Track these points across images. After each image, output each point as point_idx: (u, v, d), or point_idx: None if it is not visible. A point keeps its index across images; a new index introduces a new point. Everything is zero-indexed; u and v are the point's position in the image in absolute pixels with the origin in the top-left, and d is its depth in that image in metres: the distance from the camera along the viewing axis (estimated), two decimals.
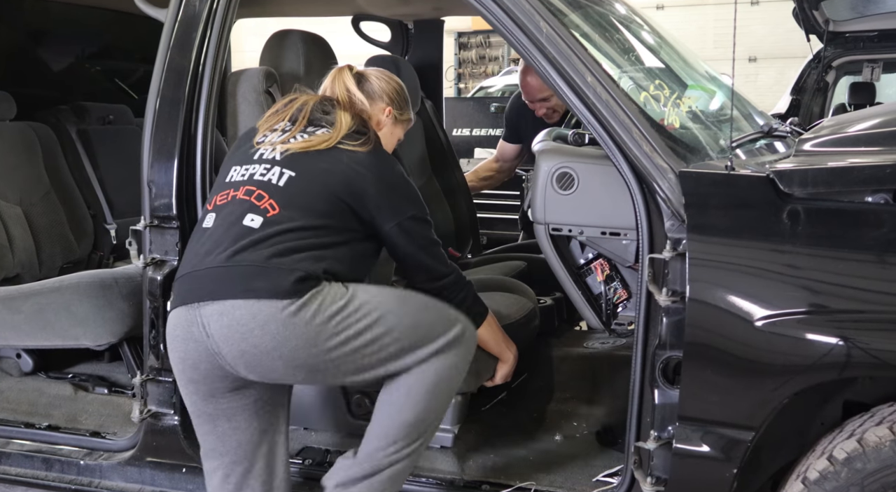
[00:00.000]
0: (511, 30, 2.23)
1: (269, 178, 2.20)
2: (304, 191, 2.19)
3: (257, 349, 2.07)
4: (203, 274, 2.14)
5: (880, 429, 1.88)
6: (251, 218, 2.15)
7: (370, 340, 2.13)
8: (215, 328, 2.08)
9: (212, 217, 2.23)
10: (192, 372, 2.17)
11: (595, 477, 2.49)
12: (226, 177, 2.29)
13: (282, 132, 2.29)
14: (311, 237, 2.15)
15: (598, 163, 2.37)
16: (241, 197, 2.19)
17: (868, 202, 1.95)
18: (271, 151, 2.25)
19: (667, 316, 2.06)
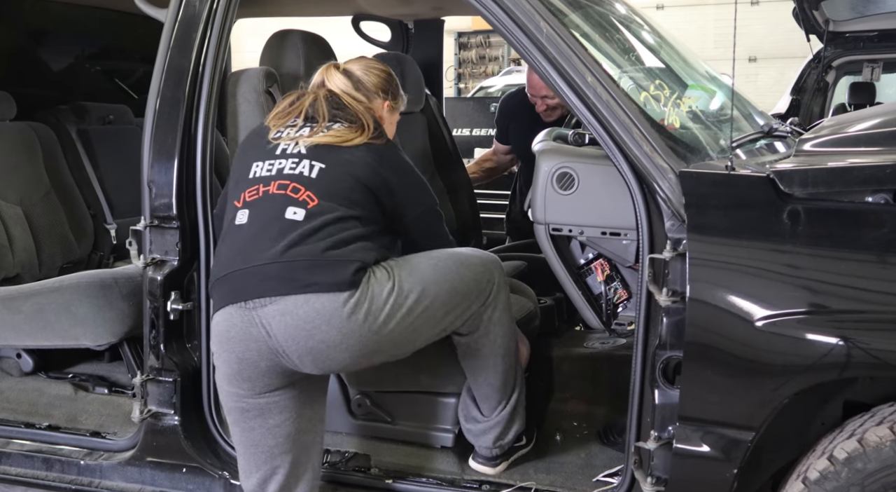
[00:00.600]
0: (511, 30, 2.23)
1: (300, 171, 2.21)
2: (337, 181, 2.22)
3: (325, 344, 2.11)
4: (254, 271, 2.14)
5: (881, 429, 1.88)
6: (293, 211, 2.16)
7: (420, 313, 2.20)
8: (278, 328, 2.10)
9: (244, 213, 2.22)
10: (250, 370, 2.17)
11: (595, 477, 2.48)
12: (247, 173, 2.28)
13: (299, 128, 2.30)
14: (354, 227, 2.19)
15: (599, 163, 2.37)
16: (275, 191, 2.20)
17: (868, 202, 1.95)
18: (294, 146, 2.27)
19: (667, 316, 2.06)
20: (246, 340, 2.13)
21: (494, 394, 2.48)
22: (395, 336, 2.18)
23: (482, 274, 2.35)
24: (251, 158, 2.32)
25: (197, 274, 2.58)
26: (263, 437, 2.24)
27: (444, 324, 2.30)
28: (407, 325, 2.19)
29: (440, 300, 2.24)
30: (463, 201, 3.88)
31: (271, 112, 2.42)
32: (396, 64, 3.53)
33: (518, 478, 2.52)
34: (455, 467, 2.57)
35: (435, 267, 2.28)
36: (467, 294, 2.31)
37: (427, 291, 2.22)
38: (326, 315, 2.09)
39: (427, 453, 2.64)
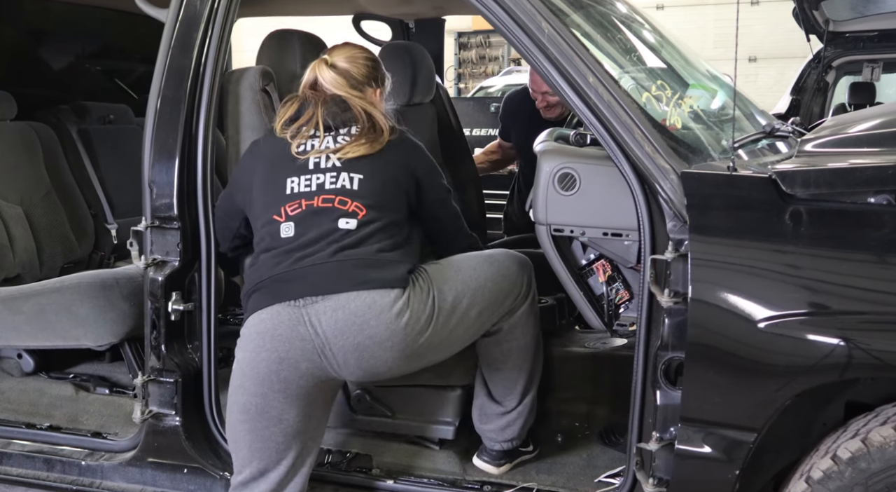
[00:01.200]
0: (512, 30, 2.23)
1: (342, 184, 2.28)
2: (376, 190, 2.30)
3: (372, 341, 2.16)
4: (306, 272, 2.21)
5: (885, 429, 1.88)
6: (345, 221, 2.25)
7: (457, 320, 2.27)
8: (328, 324, 2.15)
9: (290, 226, 2.28)
10: (288, 371, 2.19)
11: (597, 478, 2.48)
12: (282, 189, 2.32)
13: (323, 140, 2.35)
14: (398, 233, 2.31)
15: (600, 163, 2.37)
16: (322, 205, 2.27)
17: (870, 203, 1.94)
18: (327, 160, 2.32)
19: (669, 317, 2.05)
20: (291, 338, 2.17)
21: (517, 386, 2.52)
22: (434, 341, 2.24)
23: (516, 276, 2.42)
24: (282, 174, 2.34)
25: (198, 275, 2.58)
26: (273, 435, 2.26)
27: (477, 327, 2.36)
28: (445, 331, 2.25)
29: (476, 306, 2.31)
30: (470, 195, 3.84)
31: (278, 118, 2.44)
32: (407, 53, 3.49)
33: (520, 478, 2.51)
34: (456, 467, 2.57)
35: (470, 272, 2.34)
36: (500, 298, 2.38)
37: (462, 298, 2.29)
38: (377, 310, 2.15)
39: (428, 453, 2.63)
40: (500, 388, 2.53)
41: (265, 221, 2.34)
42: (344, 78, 2.42)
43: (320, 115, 2.36)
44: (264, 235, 2.35)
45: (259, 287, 2.27)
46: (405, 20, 4.05)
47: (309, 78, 2.44)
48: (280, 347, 2.18)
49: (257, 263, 2.34)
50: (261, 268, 2.30)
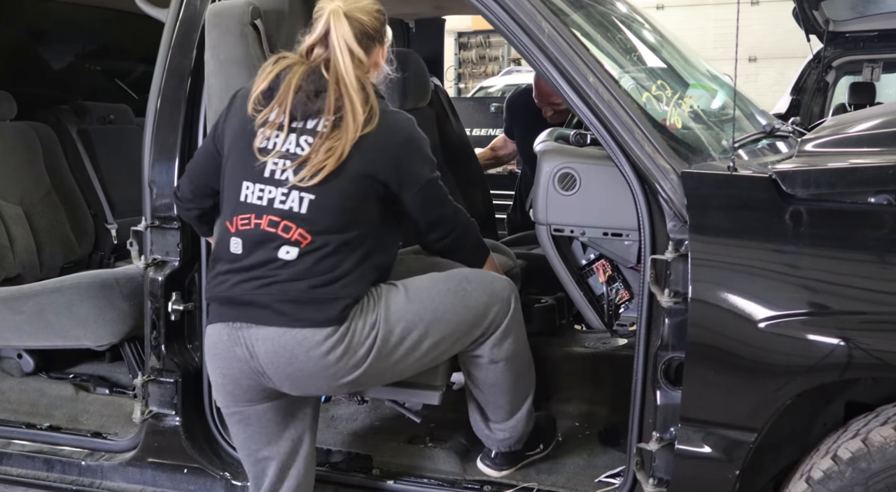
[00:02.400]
0: (512, 30, 2.23)
1: (290, 206, 2.12)
2: (327, 212, 2.13)
3: (303, 373, 2.13)
4: (245, 298, 2.14)
5: (885, 429, 1.88)
6: (286, 250, 2.12)
7: (404, 350, 2.19)
8: (261, 352, 2.12)
9: (238, 243, 2.17)
10: (232, 386, 2.20)
11: (597, 478, 2.48)
12: (238, 193, 2.18)
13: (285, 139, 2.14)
14: (350, 254, 2.14)
15: (600, 163, 2.37)
16: (267, 228, 2.13)
17: (870, 203, 1.94)
18: (282, 172, 2.13)
19: (669, 317, 2.05)
20: (230, 358, 2.16)
21: (506, 405, 2.43)
22: (375, 371, 2.18)
23: (484, 307, 2.28)
24: (240, 172, 2.19)
25: (198, 275, 2.58)
26: (252, 436, 2.28)
27: (432, 356, 2.26)
28: (387, 362, 2.18)
29: (428, 338, 2.21)
30: (476, 196, 3.83)
31: (253, 88, 2.19)
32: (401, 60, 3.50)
33: (520, 478, 2.51)
34: (457, 467, 2.57)
35: (426, 303, 2.22)
36: (462, 329, 2.26)
37: (412, 330, 2.18)
38: (306, 347, 2.10)
39: (429, 453, 2.63)
40: (490, 406, 2.45)
41: (222, 220, 2.25)
42: (358, 32, 2.18)
43: (290, 102, 2.14)
44: (219, 238, 2.27)
45: (211, 300, 2.26)
46: (405, 20, 4.05)
47: (320, 29, 2.17)
48: (221, 364, 2.18)
49: (212, 272, 2.26)
50: (212, 281, 2.24)
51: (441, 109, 3.80)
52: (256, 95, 2.18)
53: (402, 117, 2.25)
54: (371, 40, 2.22)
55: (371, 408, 2.88)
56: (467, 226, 2.39)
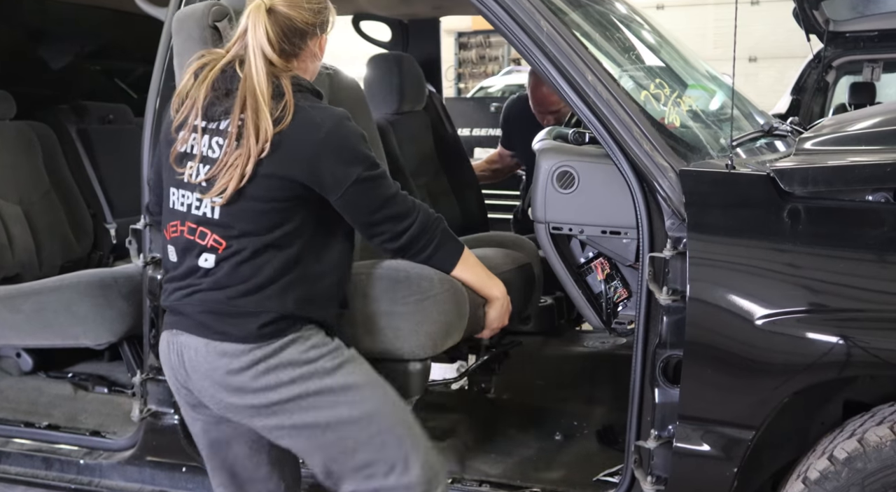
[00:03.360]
0: (512, 29, 2.23)
1: (203, 211, 2.01)
2: (239, 215, 1.98)
3: (219, 390, 2.01)
4: (178, 307, 2.08)
5: (881, 429, 1.88)
6: (205, 258, 2.02)
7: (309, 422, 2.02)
8: (186, 359, 2.05)
9: (172, 250, 2.11)
10: (179, 397, 2.17)
11: (595, 476, 2.48)
12: (168, 199, 2.11)
13: (202, 138, 2.01)
14: (270, 259, 1.98)
15: (599, 162, 2.37)
16: (188, 236, 2.04)
17: (868, 201, 1.95)
18: (197, 175, 2.02)
19: (667, 315, 2.05)
20: (166, 363, 2.12)
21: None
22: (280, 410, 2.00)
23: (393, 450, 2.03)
24: (168, 177, 2.11)
25: None
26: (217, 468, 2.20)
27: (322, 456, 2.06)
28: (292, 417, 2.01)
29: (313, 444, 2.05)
30: (470, 200, 3.86)
31: (177, 89, 2.12)
32: (395, 63, 3.54)
33: (518, 477, 2.51)
34: (455, 465, 2.57)
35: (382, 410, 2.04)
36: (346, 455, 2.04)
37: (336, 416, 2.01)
38: (225, 362, 1.98)
39: None
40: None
41: (164, 234, 2.16)
42: (285, 28, 2.00)
43: (201, 102, 2.00)
44: (161, 247, 2.26)
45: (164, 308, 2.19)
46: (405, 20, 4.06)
47: (241, 26, 2.03)
48: (164, 368, 2.15)
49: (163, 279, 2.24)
50: (164, 288, 2.18)
51: (436, 114, 3.83)
52: (178, 95, 2.07)
53: (326, 113, 2.01)
54: (302, 36, 2.04)
55: None
56: (426, 224, 2.15)
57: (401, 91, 3.52)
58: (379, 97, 3.52)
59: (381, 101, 3.52)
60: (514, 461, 2.61)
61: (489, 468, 2.57)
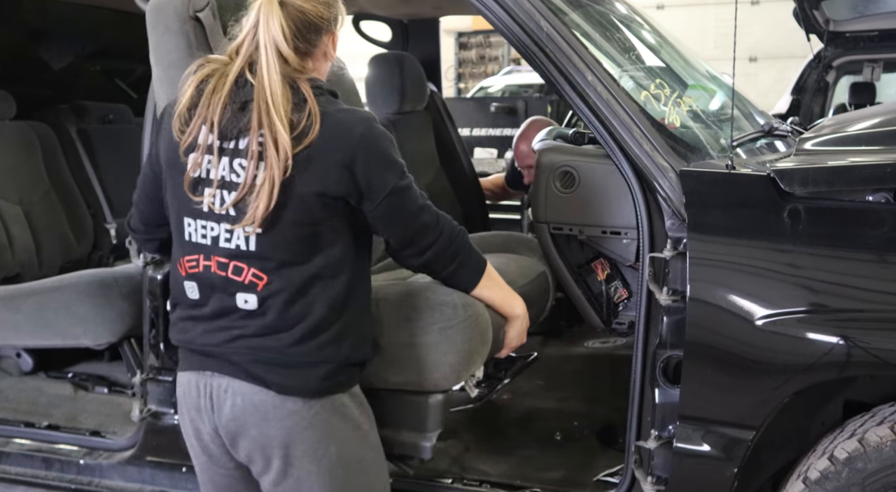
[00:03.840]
0: (512, 29, 2.23)
1: (236, 243, 1.81)
2: (277, 244, 1.80)
3: (265, 439, 1.85)
4: (213, 350, 1.88)
5: (881, 429, 1.88)
6: (244, 299, 1.82)
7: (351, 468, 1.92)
8: (227, 406, 1.86)
9: (193, 287, 1.89)
10: (194, 440, 1.97)
11: (595, 476, 2.48)
12: (182, 230, 1.89)
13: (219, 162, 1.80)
14: (318, 294, 1.82)
15: (599, 162, 2.37)
16: (217, 271, 1.84)
17: (868, 201, 1.95)
18: (221, 204, 1.81)
19: (667, 315, 2.05)
20: (197, 408, 1.91)
21: None
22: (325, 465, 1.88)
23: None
24: (178, 205, 1.89)
25: None
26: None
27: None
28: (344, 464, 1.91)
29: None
30: (471, 199, 3.86)
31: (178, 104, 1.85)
32: (396, 63, 3.54)
33: (518, 478, 2.51)
34: (455, 466, 2.57)
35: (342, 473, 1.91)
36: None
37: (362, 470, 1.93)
38: (284, 413, 1.82)
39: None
40: None
41: (173, 260, 1.96)
42: (299, 23, 1.82)
43: (217, 118, 1.78)
44: (172, 279, 1.97)
45: (178, 345, 1.98)
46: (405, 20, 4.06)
47: (250, 23, 1.82)
48: (185, 415, 1.96)
49: (174, 316, 1.99)
50: (176, 325, 1.97)
51: (437, 114, 3.83)
52: (180, 113, 1.83)
53: (356, 116, 1.85)
54: (316, 32, 1.86)
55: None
56: (453, 237, 2.01)
57: (402, 91, 3.53)
58: (380, 97, 3.52)
59: (383, 100, 3.52)
60: (514, 461, 2.60)
61: (489, 468, 2.56)
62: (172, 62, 2.24)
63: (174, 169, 1.88)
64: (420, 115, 3.71)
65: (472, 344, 2.16)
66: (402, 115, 3.54)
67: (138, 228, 2.17)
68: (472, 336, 2.15)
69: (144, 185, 2.07)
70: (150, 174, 2.03)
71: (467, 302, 2.14)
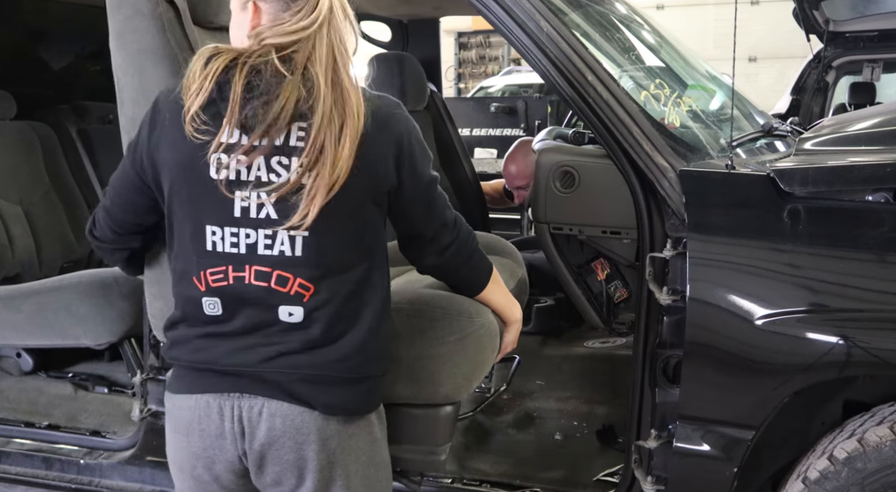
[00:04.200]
0: (512, 29, 2.23)
1: (279, 249, 1.63)
2: (329, 248, 1.66)
3: (303, 461, 1.71)
4: (244, 370, 1.69)
5: (881, 429, 1.88)
6: (288, 312, 1.66)
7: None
8: (263, 429, 1.68)
9: (215, 302, 1.68)
10: (203, 471, 1.77)
11: (595, 476, 2.48)
12: (202, 239, 1.66)
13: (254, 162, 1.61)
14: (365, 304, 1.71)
15: (599, 162, 2.37)
16: (256, 282, 1.65)
17: (868, 201, 1.95)
18: (259, 208, 1.62)
19: (667, 315, 2.05)
20: (213, 436, 1.71)
21: None
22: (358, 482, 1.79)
23: None
24: (198, 211, 1.66)
25: None
26: None
27: None
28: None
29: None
30: (470, 198, 3.88)
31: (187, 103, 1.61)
32: (397, 63, 3.55)
33: (518, 477, 2.51)
34: (455, 466, 2.57)
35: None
36: None
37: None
38: (327, 435, 1.70)
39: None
40: None
41: (180, 274, 1.73)
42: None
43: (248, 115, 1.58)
44: (182, 296, 1.73)
45: (187, 365, 1.75)
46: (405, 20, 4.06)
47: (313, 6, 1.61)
48: (197, 442, 1.73)
49: (176, 334, 1.76)
50: (184, 345, 1.74)
51: (437, 114, 3.84)
52: (195, 109, 1.60)
53: (392, 103, 1.76)
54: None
55: None
56: (469, 236, 1.95)
57: (402, 91, 3.54)
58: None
59: None
60: (514, 461, 2.60)
61: (489, 468, 2.56)
62: (142, 48, 2.07)
63: (190, 172, 1.65)
64: (420, 115, 3.73)
65: (484, 353, 2.13)
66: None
67: (106, 237, 1.94)
68: (486, 345, 2.11)
69: (124, 189, 1.84)
70: (134, 180, 1.79)
71: (479, 310, 2.09)
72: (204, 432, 1.72)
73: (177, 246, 1.72)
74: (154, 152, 1.70)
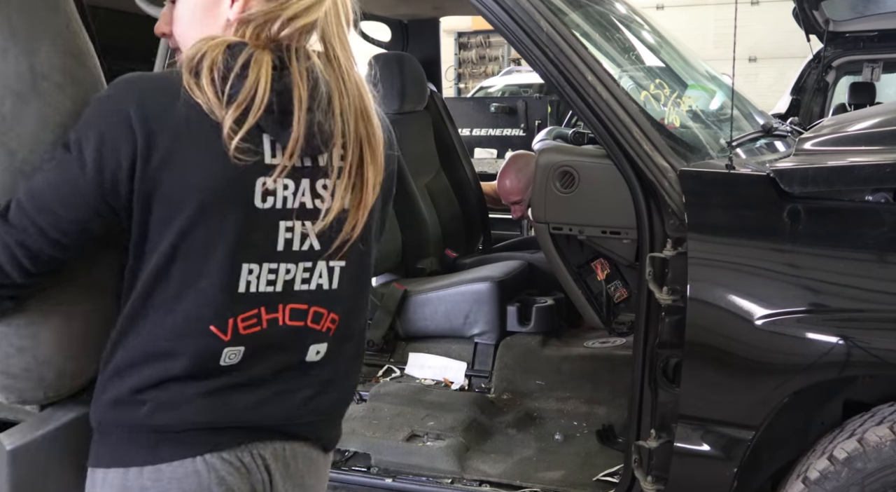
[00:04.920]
0: (512, 29, 2.23)
1: (317, 282, 1.40)
2: (355, 275, 1.45)
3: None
4: (267, 425, 1.42)
5: (881, 429, 1.88)
6: (316, 350, 1.42)
7: None
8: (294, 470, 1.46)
9: (238, 352, 1.35)
10: None
11: (595, 476, 2.48)
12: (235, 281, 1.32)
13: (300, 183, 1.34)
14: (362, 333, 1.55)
15: (599, 162, 2.37)
16: (290, 323, 1.39)
17: (868, 201, 1.95)
18: (303, 239, 1.36)
19: (667, 315, 2.05)
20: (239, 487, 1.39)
21: None
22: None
23: None
24: (236, 250, 1.31)
25: None
26: None
27: None
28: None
29: None
30: (469, 197, 3.89)
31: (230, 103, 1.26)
32: (397, 63, 3.55)
33: (518, 477, 2.51)
34: (455, 466, 2.57)
35: None
36: None
37: None
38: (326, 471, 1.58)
39: (427, 451, 2.63)
40: None
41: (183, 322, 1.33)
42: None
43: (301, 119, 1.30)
44: (184, 351, 1.33)
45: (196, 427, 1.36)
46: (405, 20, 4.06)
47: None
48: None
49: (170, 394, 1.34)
50: (181, 405, 1.34)
51: (437, 114, 3.84)
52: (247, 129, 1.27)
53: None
54: None
55: (369, 407, 2.88)
56: None
57: (402, 91, 3.55)
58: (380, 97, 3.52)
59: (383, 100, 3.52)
60: (514, 461, 2.60)
61: (489, 468, 2.56)
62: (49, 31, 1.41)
63: (227, 203, 1.30)
64: (420, 115, 3.73)
65: None
66: (402, 116, 3.56)
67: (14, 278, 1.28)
68: None
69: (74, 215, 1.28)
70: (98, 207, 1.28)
71: None
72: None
73: (177, 291, 1.33)
74: (155, 182, 1.28)
